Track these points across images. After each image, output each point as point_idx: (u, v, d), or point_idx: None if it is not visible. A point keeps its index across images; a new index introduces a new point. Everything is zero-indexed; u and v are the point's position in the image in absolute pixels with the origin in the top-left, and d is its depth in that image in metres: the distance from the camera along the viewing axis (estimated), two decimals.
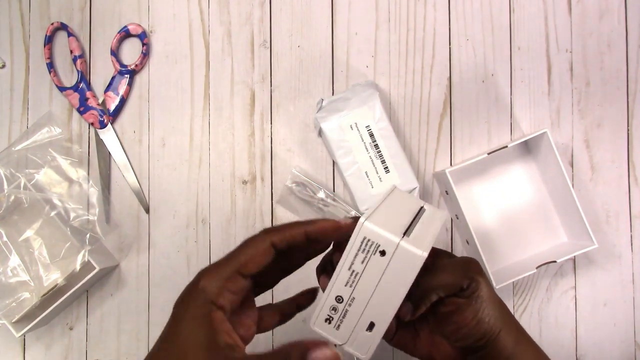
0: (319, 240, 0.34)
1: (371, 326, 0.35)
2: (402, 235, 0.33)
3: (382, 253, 0.33)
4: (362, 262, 0.34)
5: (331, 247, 0.38)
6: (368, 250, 0.33)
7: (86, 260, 0.55)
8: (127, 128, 0.61)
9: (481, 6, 0.61)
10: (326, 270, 0.38)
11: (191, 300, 0.31)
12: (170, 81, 0.61)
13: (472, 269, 0.37)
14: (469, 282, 0.36)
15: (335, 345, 0.36)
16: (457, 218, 0.58)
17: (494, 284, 0.54)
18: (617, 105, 0.61)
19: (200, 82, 0.61)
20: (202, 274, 0.32)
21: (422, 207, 0.38)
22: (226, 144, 0.61)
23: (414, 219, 0.36)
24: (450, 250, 0.60)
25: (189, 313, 0.31)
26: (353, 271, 0.34)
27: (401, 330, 0.40)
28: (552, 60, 0.61)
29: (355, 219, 0.34)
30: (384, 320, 0.35)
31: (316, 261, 0.39)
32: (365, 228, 0.33)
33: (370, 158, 0.56)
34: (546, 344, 0.59)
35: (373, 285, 0.34)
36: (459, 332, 0.37)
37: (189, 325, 0.30)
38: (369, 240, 0.33)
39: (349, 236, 0.34)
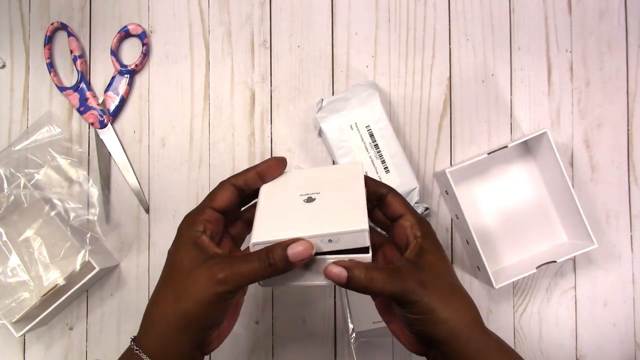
0: (267, 176, 0.42)
1: None
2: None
3: None
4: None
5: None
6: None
7: (86, 260, 0.55)
8: (127, 128, 0.61)
9: (481, 6, 0.61)
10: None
11: (179, 235, 0.38)
12: (170, 81, 0.61)
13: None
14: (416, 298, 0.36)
15: None
16: (457, 218, 0.58)
17: (494, 284, 0.54)
18: (617, 105, 0.61)
19: (200, 82, 0.61)
20: (184, 218, 0.39)
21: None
22: (226, 144, 0.61)
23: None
24: (450, 251, 0.60)
25: (180, 242, 0.38)
26: None
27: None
28: (552, 60, 0.61)
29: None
30: None
31: None
32: None
33: (370, 158, 0.56)
34: (546, 344, 0.59)
35: None
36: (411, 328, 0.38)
37: (182, 250, 0.37)
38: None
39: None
